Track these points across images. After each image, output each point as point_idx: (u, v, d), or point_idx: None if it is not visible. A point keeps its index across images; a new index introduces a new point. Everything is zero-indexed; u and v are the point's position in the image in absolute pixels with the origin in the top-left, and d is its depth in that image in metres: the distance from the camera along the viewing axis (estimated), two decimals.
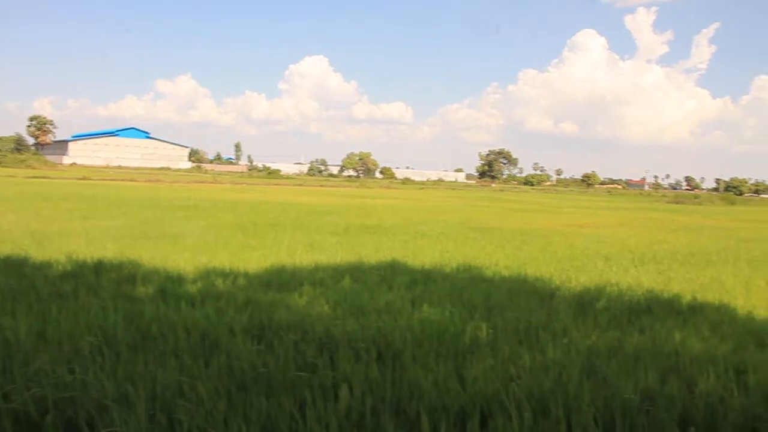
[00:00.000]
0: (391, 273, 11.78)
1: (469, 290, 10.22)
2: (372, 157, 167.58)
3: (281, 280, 10.54)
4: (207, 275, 10.75)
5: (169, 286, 9.60)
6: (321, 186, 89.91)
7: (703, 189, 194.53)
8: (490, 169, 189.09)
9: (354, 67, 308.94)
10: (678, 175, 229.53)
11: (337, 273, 11.52)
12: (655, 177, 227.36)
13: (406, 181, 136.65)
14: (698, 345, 7.31)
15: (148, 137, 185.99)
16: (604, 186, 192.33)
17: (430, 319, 7.91)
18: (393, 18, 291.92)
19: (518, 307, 9.09)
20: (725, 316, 9.31)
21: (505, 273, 12.59)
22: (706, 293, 11.21)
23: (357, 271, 11.85)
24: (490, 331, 7.48)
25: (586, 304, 9.53)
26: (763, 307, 10.24)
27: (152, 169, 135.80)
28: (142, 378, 5.26)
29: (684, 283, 12.40)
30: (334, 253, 14.88)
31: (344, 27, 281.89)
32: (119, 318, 7.21)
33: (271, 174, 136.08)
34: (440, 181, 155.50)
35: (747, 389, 5.67)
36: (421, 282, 10.99)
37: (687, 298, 10.48)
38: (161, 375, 5.36)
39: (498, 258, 15.13)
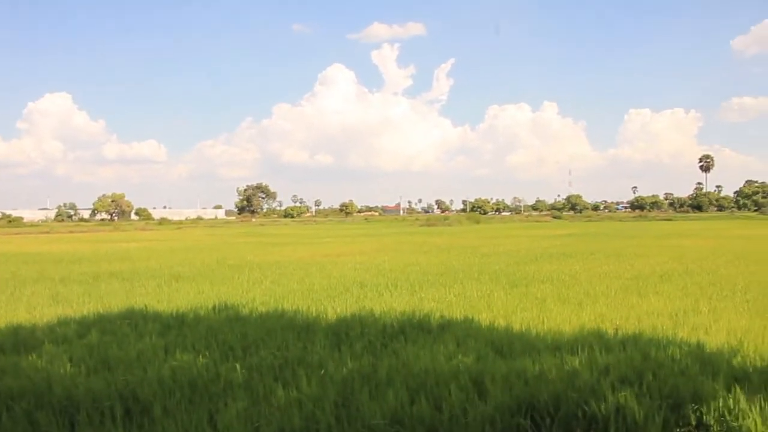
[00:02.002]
0: (143, 320, 11.22)
1: (224, 331, 10.04)
2: (126, 199, 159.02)
3: (16, 341, 9.58)
4: None
5: None
6: (70, 232, 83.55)
7: (452, 210, 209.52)
8: (250, 204, 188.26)
9: (101, 105, 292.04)
10: (430, 199, 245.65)
11: (83, 326, 10.75)
12: (409, 202, 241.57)
13: (163, 221, 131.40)
14: (445, 361, 7.81)
15: None
16: (362, 214, 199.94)
17: (183, 366, 7.65)
18: (139, 54, 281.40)
19: (274, 343, 9.10)
20: (470, 330, 10.06)
21: (262, 309, 12.56)
22: (453, 310, 12.08)
23: (105, 322, 11.14)
24: (245, 371, 7.40)
25: (342, 333, 9.77)
26: (503, 316, 11.28)
27: None
28: None
29: (434, 303, 13.25)
30: (81, 304, 13.91)
31: (88, 62, 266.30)
32: None
33: (12, 222, 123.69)
34: (199, 219, 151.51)
35: (486, 396, 6.15)
36: (174, 327, 10.60)
37: (436, 316, 11.17)
38: None
39: (255, 294, 15.10)
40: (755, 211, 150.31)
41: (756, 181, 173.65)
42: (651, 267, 20.91)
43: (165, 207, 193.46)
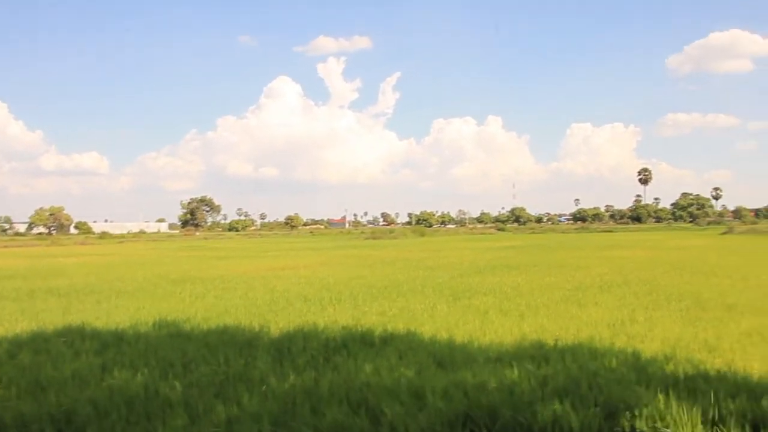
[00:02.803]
0: (80, 338, 10.96)
1: (165, 348, 9.89)
2: (65, 212, 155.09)
3: None
4: None
5: None
6: (5, 247, 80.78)
7: (398, 223, 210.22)
8: (193, 217, 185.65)
9: (39, 115, 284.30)
10: (375, 212, 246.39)
11: (15, 346, 10.44)
12: (355, 215, 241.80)
13: (104, 235, 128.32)
14: (387, 374, 7.85)
15: None
16: (307, 227, 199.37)
17: (121, 385, 7.52)
18: (80, 64, 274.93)
19: (216, 359, 9.01)
20: (413, 342, 10.13)
21: (204, 325, 12.40)
22: (396, 323, 12.13)
23: (40, 341, 10.83)
24: (184, 388, 7.31)
25: (285, 348, 9.74)
26: (445, 329, 11.39)
27: None
28: None
29: (377, 316, 13.29)
30: (13, 322, 13.47)
31: (25, 72, 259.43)
32: None
33: None
34: (142, 233, 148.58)
35: (426, 409, 6.20)
36: (113, 345, 10.38)
37: (379, 330, 11.20)
38: None
39: (197, 310, 14.92)
40: (690, 222, 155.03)
41: (691, 194, 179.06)
42: (591, 278, 21.35)
43: (106, 220, 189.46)
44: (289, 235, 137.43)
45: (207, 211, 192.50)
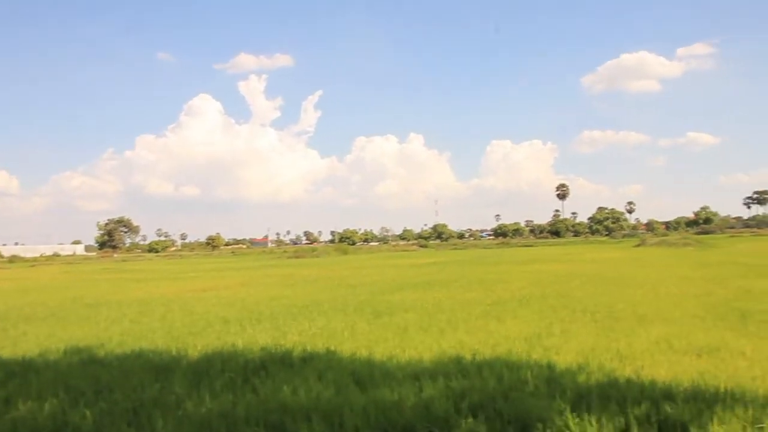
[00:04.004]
0: None
1: (75, 375, 9.57)
2: None
3: None
4: None
5: None
6: None
7: (321, 242, 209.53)
8: (111, 238, 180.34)
9: None
10: (298, 231, 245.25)
11: None
12: (278, 234, 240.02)
13: (14, 259, 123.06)
14: (305, 394, 7.83)
15: None
16: (229, 247, 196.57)
17: (26, 417, 7.25)
18: None
19: (130, 385, 8.79)
20: (332, 362, 10.12)
21: (119, 350, 12.07)
22: (316, 343, 12.11)
23: None
24: (96, 416, 7.12)
25: (203, 371, 9.59)
26: (365, 347, 11.44)
27: None
28: None
29: (297, 336, 13.23)
30: None
31: None
32: None
33: None
34: (56, 255, 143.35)
35: (343, 428, 6.23)
36: (19, 374, 9.98)
37: (299, 350, 11.16)
38: None
39: (112, 334, 14.50)
40: (606, 235, 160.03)
41: (606, 208, 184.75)
42: (511, 292, 21.79)
43: (17, 243, 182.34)
44: (210, 256, 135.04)
45: (125, 232, 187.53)
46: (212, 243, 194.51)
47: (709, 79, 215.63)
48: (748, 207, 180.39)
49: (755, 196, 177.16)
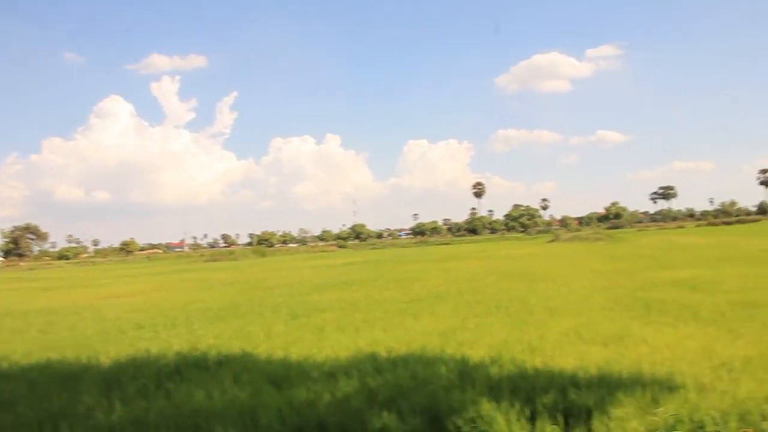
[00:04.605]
0: None
1: None
2: None
3: None
4: None
5: None
6: None
7: (239, 245, 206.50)
8: (17, 246, 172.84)
9: None
10: (215, 234, 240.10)
11: None
12: (194, 238, 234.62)
13: None
14: (220, 397, 7.79)
15: None
16: (144, 252, 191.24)
17: None
18: None
19: (36, 396, 8.54)
20: (248, 364, 10.10)
21: (25, 362, 11.69)
22: (233, 345, 12.04)
23: None
24: None
25: (114, 379, 9.40)
26: (282, 348, 11.44)
27: None
28: None
29: (213, 339, 13.12)
30: None
31: None
32: None
33: None
34: None
35: (257, 429, 6.24)
36: None
37: (214, 353, 11.06)
38: None
39: (17, 346, 13.99)
40: (522, 232, 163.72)
41: (522, 206, 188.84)
42: (427, 289, 22.09)
43: None
44: (124, 262, 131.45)
45: (33, 240, 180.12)
46: (126, 248, 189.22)
47: (616, 80, 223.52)
48: (654, 202, 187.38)
49: (660, 191, 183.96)
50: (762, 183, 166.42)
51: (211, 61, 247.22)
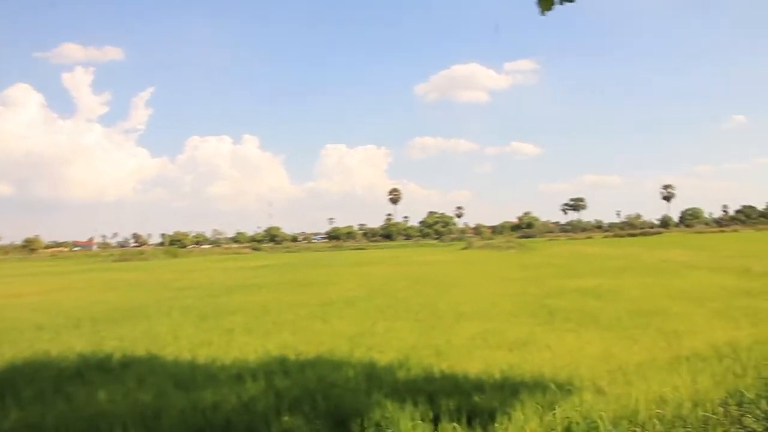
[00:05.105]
0: None
1: None
2: None
3: None
4: None
5: None
6: None
7: (150, 245, 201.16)
8: None
9: None
10: (126, 233, 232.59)
11: None
12: (103, 236, 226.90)
13: None
14: (123, 400, 7.62)
15: None
16: (50, 250, 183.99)
17: None
18: None
19: None
20: (154, 366, 9.92)
21: None
22: (138, 347, 11.78)
23: None
24: None
25: (8, 383, 9.02)
26: (189, 350, 11.28)
27: None
28: None
29: (118, 341, 12.77)
30: None
31: None
32: None
33: None
34: None
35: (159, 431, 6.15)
36: None
37: (118, 355, 10.80)
38: None
39: None
40: (436, 239, 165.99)
41: (437, 213, 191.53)
42: (339, 294, 22.15)
43: None
44: (27, 260, 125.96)
45: None
46: (30, 246, 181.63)
47: (532, 93, 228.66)
48: (565, 213, 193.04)
49: (571, 202, 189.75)
50: (665, 198, 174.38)
51: (127, 54, 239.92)
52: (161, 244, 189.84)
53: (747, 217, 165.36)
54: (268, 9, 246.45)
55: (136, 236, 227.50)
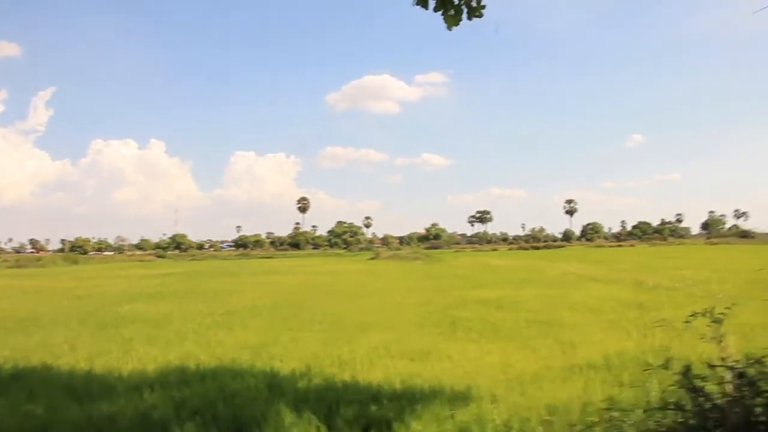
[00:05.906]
0: None
1: None
2: None
3: None
4: None
5: None
6: None
7: (49, 251, 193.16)
8: None
9: None
10: (22, 238, 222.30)
11: None
12: None
13: None
14: (11, 414, 7.35)
15: None
16: None
17: None
18: None
19: None
20: (48, 377, 9.62)
21: None
22: (31, 358, 11.34)
23: None
24: None
25: None
26: (86, 360, 10.98)
27: None
28: None
29: (9, 351, 12.23)
30: None
31: None
32: None
33: None
34: None
35: None
36: None
37: (8, 367, 10.37)
38: None
39: None
40: (344, 248, 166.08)
41: (345, 222, 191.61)
42: (244, 303, 21.94)
43: None
44: None
45: None
46: None
47: (442, 106, 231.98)
48: (472, 225, 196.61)
49: (477, 215, 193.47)
50: (567, 212, 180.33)
51: (25, 51, 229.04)
52: (61, 250, 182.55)
53: (643, 232, 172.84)
54: (177, 12, 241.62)
55: (33, 242, 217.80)
